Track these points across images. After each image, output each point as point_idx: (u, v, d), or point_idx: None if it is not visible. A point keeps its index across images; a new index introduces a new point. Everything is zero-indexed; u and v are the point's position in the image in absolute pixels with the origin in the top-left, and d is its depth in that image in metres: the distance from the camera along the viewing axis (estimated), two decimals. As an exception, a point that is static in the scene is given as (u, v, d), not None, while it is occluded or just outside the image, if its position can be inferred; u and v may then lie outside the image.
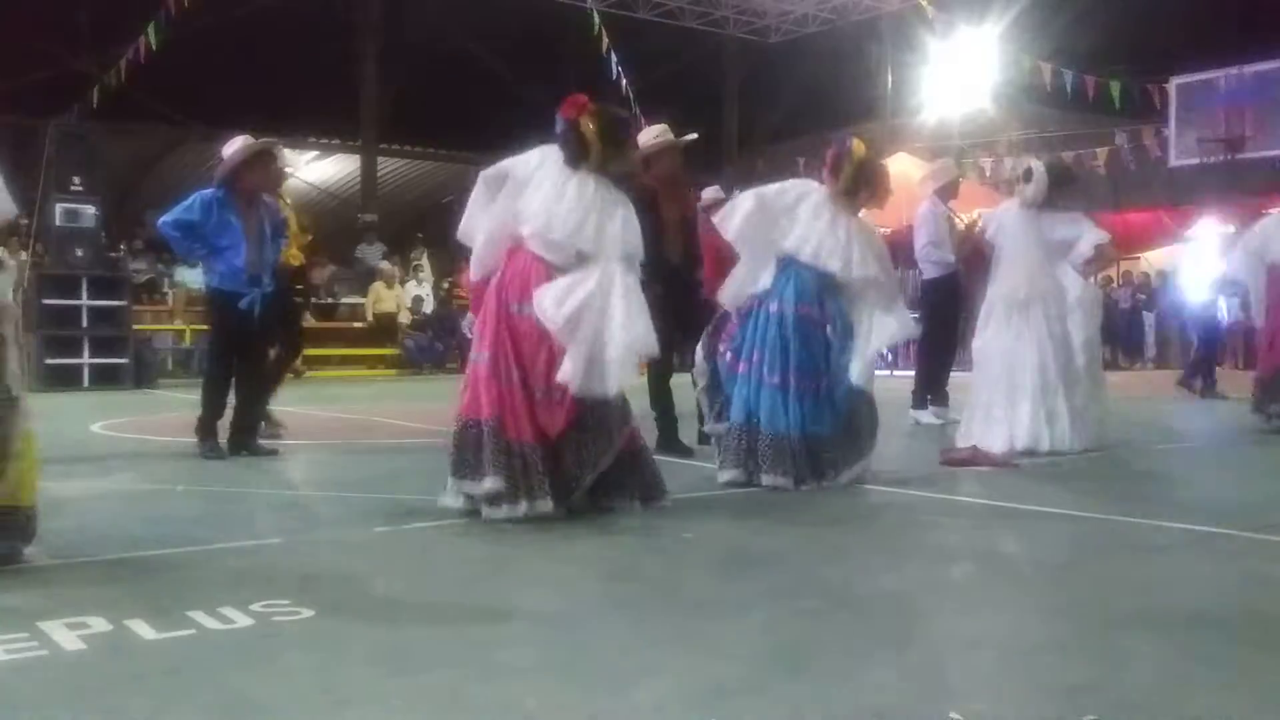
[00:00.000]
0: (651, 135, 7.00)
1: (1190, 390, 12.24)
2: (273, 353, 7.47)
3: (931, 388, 9.06)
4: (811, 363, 5.56)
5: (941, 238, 8.83)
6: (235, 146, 6.82)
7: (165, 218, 6.68)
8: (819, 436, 5.53)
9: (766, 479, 5.45)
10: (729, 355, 5.71)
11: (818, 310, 5.61)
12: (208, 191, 6.70)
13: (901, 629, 3.13)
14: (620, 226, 4.84)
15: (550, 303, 4.61)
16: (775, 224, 5.70)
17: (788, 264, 5.67)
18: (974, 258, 8.01)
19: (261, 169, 6.84)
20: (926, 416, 8.84)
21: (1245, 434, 8.23)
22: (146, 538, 4.11)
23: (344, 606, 3.30)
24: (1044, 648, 2.91)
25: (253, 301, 6.63)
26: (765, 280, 5.69)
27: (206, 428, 6.78)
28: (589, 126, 4.83)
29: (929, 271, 9.04)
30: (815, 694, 2.54)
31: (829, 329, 5.62)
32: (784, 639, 2.98)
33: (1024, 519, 4.84)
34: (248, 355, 6.90)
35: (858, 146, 5.82)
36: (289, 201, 7.99)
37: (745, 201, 5.76)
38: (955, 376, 9.19)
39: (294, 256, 7.74)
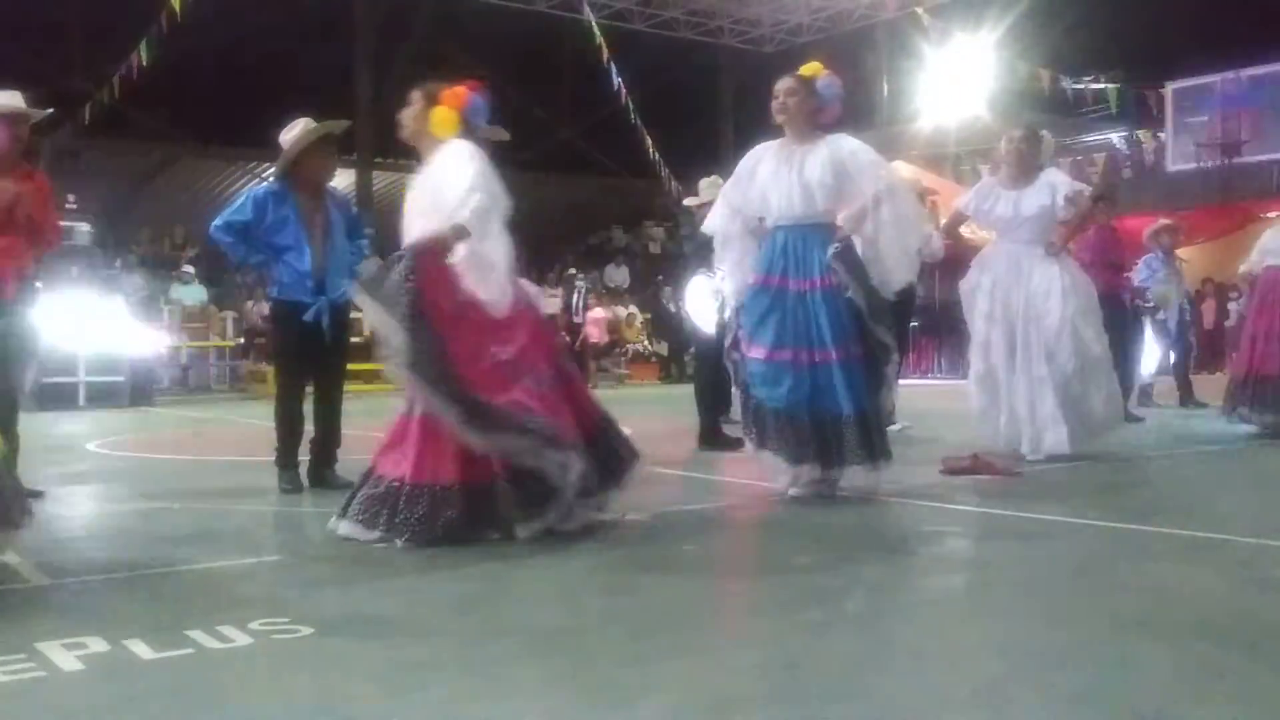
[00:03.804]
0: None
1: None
2: None
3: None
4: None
5: None
6: (294, 132, 5.91)
7: (216, 221, 5.92)
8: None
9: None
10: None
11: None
12: (261, 187, 6.03)
13: (904, 640, 3.11)
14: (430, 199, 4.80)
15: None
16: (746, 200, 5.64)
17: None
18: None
19: (326, 156, 6.06)
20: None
21: (1243, 440, 8.21)
22: (144, 557, 4.09)
23: (343, 624, 3.29)
24: (1047, 656, 2.90)
25: (319, 311, 5.81)
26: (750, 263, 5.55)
27: (284, 457, 6.00)
28: None
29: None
30: (818, 706, 2.53)
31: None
32: (786, 651, 2.96)
33: (1025, 527, 4.82)
34: (320, 375, 6.09)
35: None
36: None
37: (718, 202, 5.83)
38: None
39: None
